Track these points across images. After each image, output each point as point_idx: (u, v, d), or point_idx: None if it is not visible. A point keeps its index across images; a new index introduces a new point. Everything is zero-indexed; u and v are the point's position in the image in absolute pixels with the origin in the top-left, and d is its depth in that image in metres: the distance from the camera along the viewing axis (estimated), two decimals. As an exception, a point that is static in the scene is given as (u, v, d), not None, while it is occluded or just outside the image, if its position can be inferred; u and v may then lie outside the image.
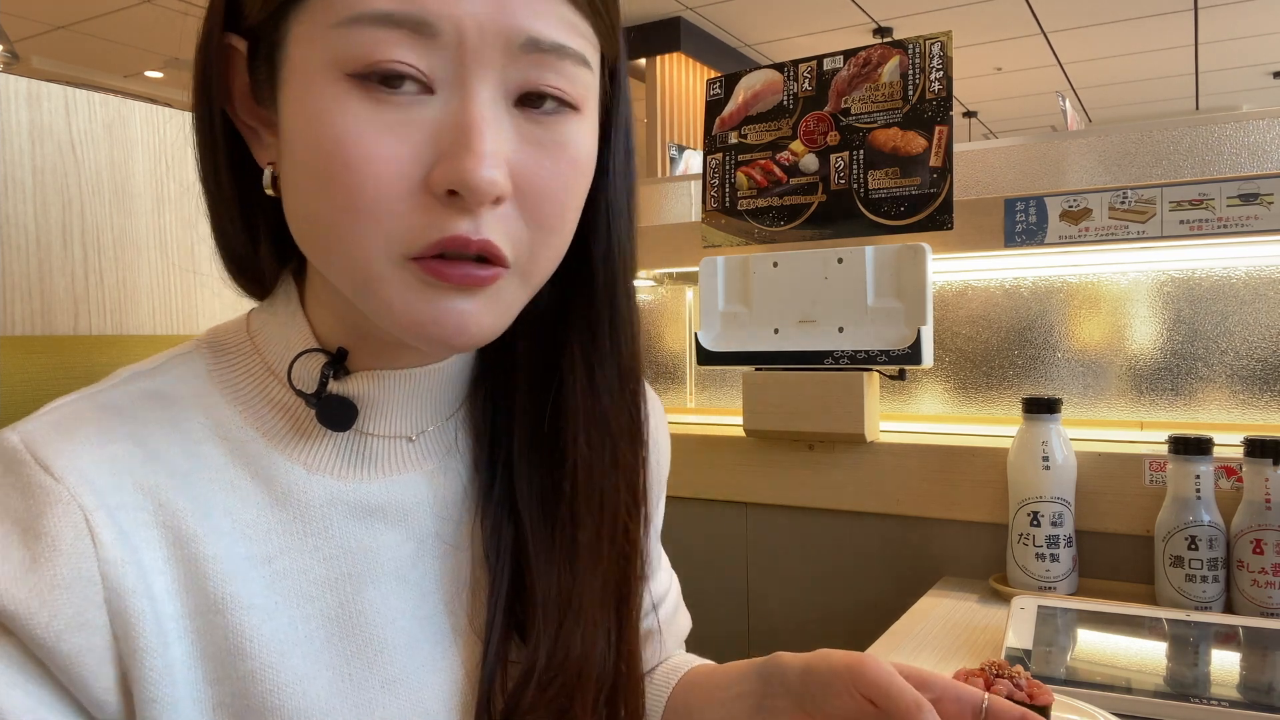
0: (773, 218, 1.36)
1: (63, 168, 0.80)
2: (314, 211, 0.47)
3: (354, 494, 0.54)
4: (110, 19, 5.68)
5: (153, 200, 0.88)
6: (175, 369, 0.53)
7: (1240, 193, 1.09)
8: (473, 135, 0.44)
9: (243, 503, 0.51)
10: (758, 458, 1.38)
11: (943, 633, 1.00)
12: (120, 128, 0.85)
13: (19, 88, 0.78)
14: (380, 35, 0.43)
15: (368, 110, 0.44)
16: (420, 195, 0.45)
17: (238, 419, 0.52)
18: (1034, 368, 1.37)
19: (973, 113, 7.93)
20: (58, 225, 0.80)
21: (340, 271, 0.48)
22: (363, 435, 0.55)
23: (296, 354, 0.53)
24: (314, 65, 0.45)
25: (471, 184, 0.44)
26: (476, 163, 0.44)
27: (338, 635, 0.52)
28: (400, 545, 0.55)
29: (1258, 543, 0.98)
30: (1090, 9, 5.63)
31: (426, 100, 0.44)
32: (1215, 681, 0.81)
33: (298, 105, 0.46)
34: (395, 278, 0.46)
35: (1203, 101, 7.51)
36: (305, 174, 0.46)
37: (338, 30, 0.43)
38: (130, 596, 0.45)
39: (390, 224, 0.45)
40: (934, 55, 1.23)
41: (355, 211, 0.45)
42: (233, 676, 0.48)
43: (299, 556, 0.51)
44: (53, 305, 0.79)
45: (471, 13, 0.43)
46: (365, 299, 0.48)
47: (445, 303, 0.47)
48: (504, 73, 0.45)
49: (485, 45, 0.44)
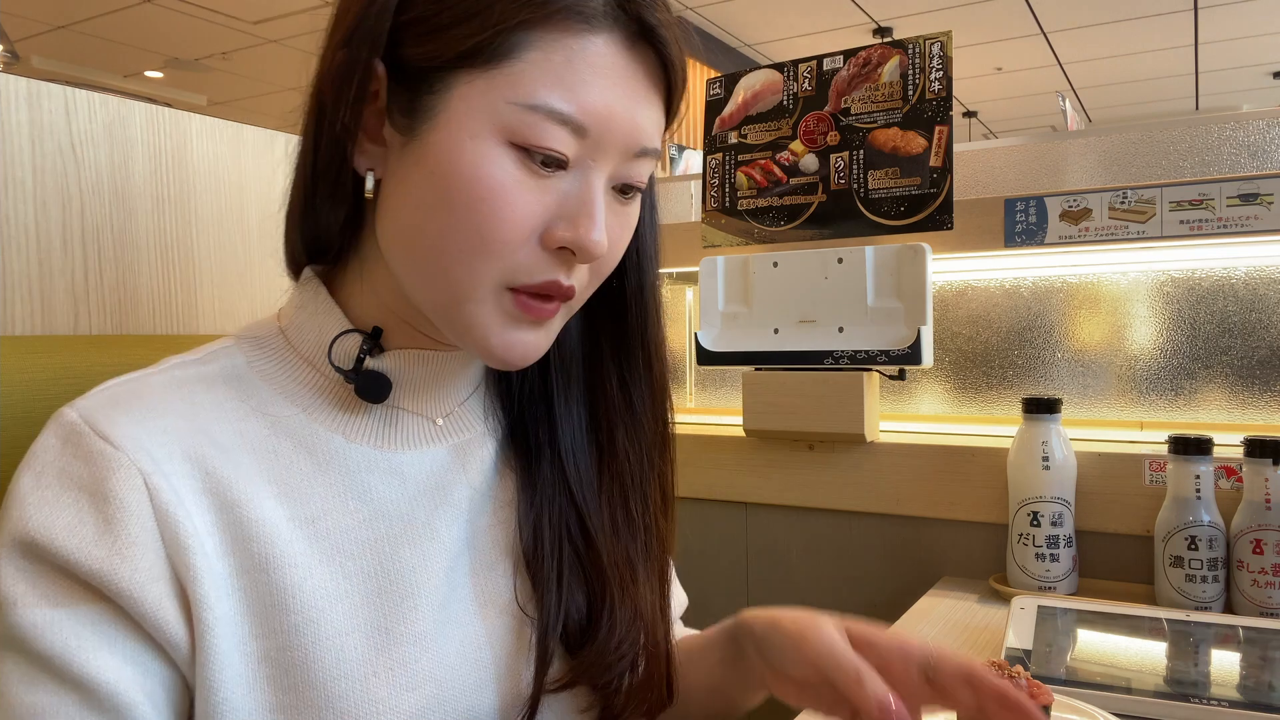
0: (773, 218, 1.36)
1: (63, 168, 0.80)
2: (438, 233, 0.55)
3: (390, 462, 0.61)
4: (110, 19, 5.68)
5: (153, 200, 0.88)
6: (218, 359, 0.60)
7: (1240, 193, 1.09)
8: (594, 209, 0.56)
9: (286, 469, 0.57)
10: (758, 458, 1.38)
11: (943, 633, 1.00)
12: (120, 128, 0.85)
13: (19, 88, 0.78)
14: (549, 126, 0.53)
15: (519, 172, 0.54)
16: (535, 244, 0.55)
17: (279, 399, 0.59)
18: (1034, 368, 1.37)
19: (973, 113, 7.92)
20: (58, 225, 0.80)
21: (437, 284, 0.57)
22: (395, 410, 0.62)
23: (336, 334, 0.61)
24: (481, 125, 0.54)
25: (588, 248, 0.56)
26: (595, 232, 0.55)
27: (374, 591, 0.57)
28: (434, 510, 0.61)
29: (1258, 543, 0.98)
30: (1090, 9, 5.63)
31: (560, 174, 0.55)
32: (1215, 681, 0.81)
33: (453, 146, 0.54)
34: (490, 301, 0.56)
35: (1203, 101, 7.51)
36: (440, 202, 0.54)
37: (513, 108, 0.53)
38: (188, 553, 0.51)
39: (507, 261, 0.55)
40: (934, 55, 1.23)
41: (486, 246, 0.54)
42: (277, 630, 0.53)
43: (340, 517, 0.57)
44: (53, 305, 0.79)
45: (612, 125, 0.55)
46: (453, 314, 0.57)
47: (521, 333, 0.58)
48: (618, 167, 0.57)
49: (615, 149, 0.56)
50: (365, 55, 0.55)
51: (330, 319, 0.62)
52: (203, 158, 0.93)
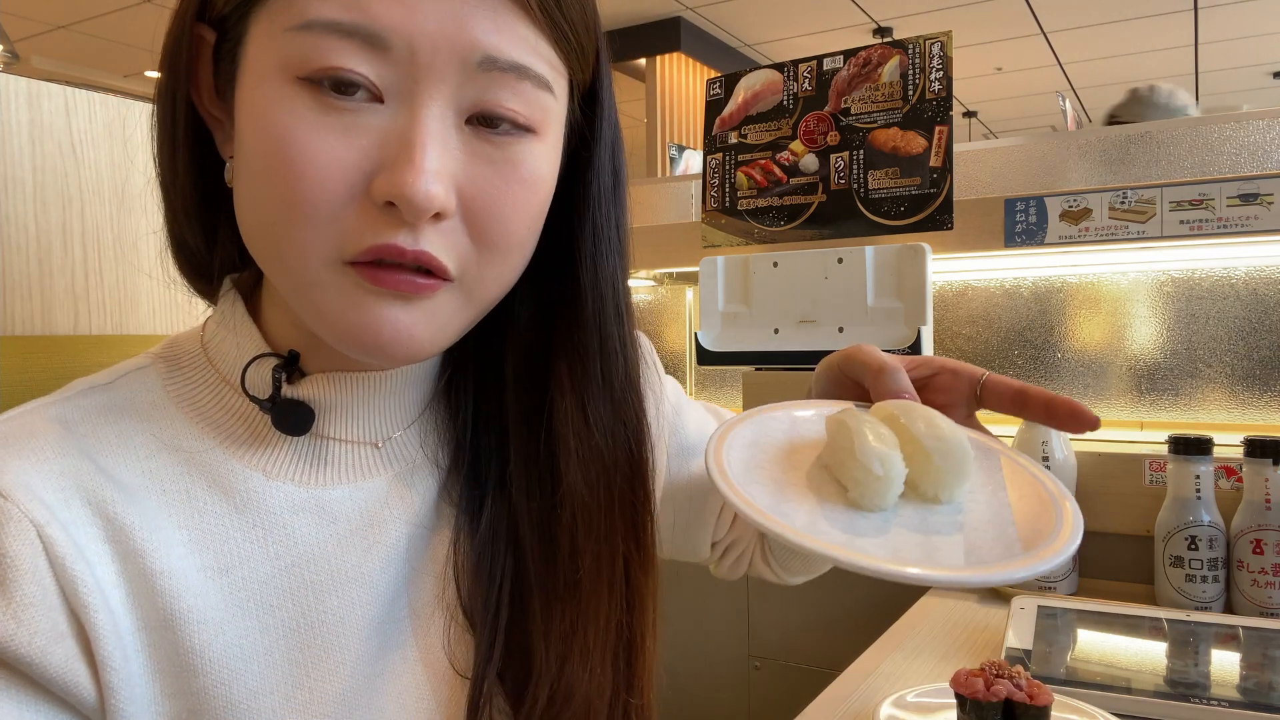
0: (773, 218, 1.36)
1: (63, 168, 0.80)
2: (258, 209, 0.46)
3: (316, 500, 0.52)
4: (110, 19, 5.68)
5: (153, 200, 0.88)
6: (129, 383, 0.52)
7: (1240, 193, 1.09)
8: (415, 149, 0.44)
9: (199, 514, 0.49)
10: (758, 458, 1.37)
11: (943, 633, 1.00)
12: (120, 128, 0.85)
13: (19, 88, 0.78)
14: (332, 43, 0.43)
15: (315, 113, 0.44)
16: (362, 201, 0.45)
17: (192, 430, 0.51)
18: (1034, 368, 1.37)
19: (973, 113, 7.92)
20: (58, 225, 0.80)
21: (280, 273, 0.48)
22: (323, 440, 0.53)
23: (250, 359, 0.52)
24: (267, 65, 0.44)
25: (408, 197, 0.43)
26: (416, 177, 0.43)
27: (296, 646, 0.50)
28: (366, 552, 0.53)
29: (1258, 543, 0.98)
30: (1090, 9, 5.63)
31: (376, 109, 0.44)
32: (1215, 681, 0.81)
33: (248, 103, 0.45)
34: (332, 282, 0.46)
35: (1203, 101, 7.51)
36: (251, 171, 0.46)
37: (291, 34, 0.43)
38: (90, 610, 0.44)
39: (329, 226, 0.45)
40: (934, 55, 1.23)
41: (295, 211, 0.44)
42: (186, 692, 0.47)
43: (259, 565, 0.50)
44: (53, 305, 0.79)
45: (425, 29, 0.43)
46: (302, 303, 0.48)
47: (381, 310, 0.46)
48: (458, 90, 0.45)
49: (439, 61, 0.44)
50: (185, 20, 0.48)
51: (246, 339, 0.53)
52: (203, 158, 0.93)
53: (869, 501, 0.50)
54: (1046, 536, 0.50)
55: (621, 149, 0.58)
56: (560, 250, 0.55)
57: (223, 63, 0.49)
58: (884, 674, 0.89)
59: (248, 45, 0.46)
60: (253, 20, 0.46)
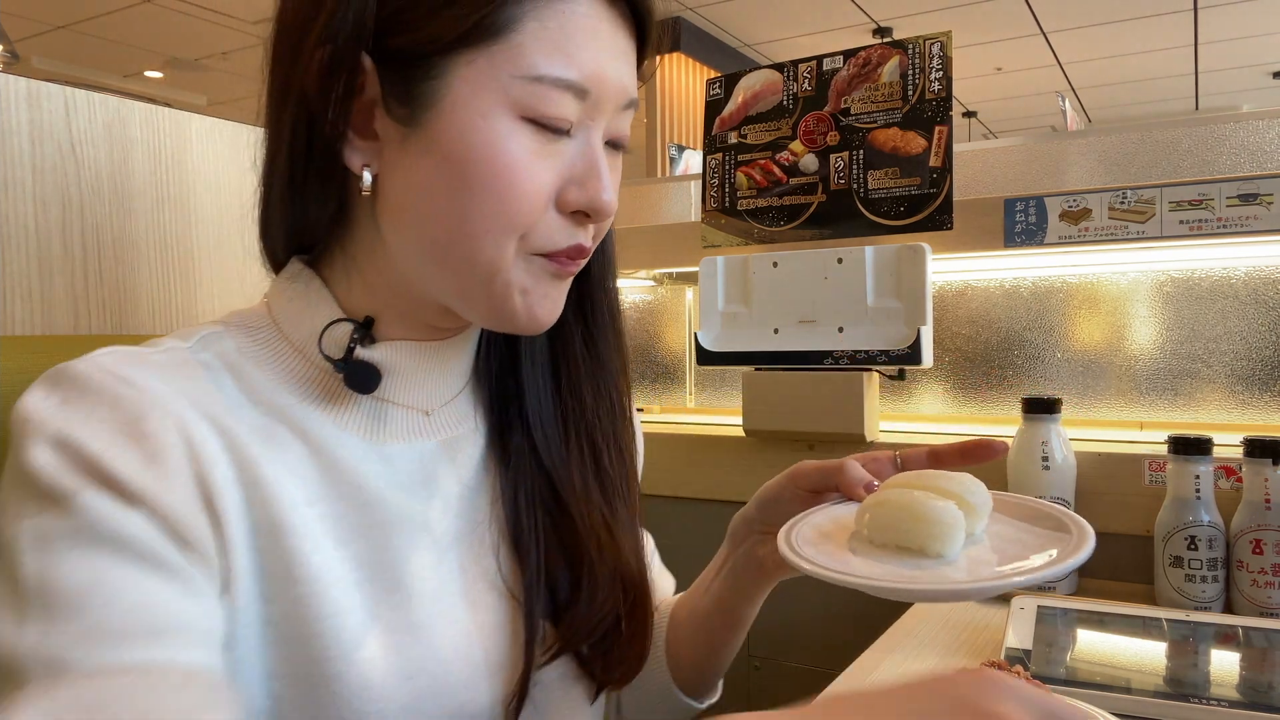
0: (773, 218, 1.36)
1: (63, 168, 0.80)
2: (453, 214, 0.56)
3: (379, 453, 0.60)
4: (110, 19, 5.68)
5: (153, 200, 0.88)
6: (211, 344, 0.59)
7: (1240, 193, 1.09)
8: (601, 168, 0.58)
9: (284, 452, 0.56)
10: (758, 458, 1.38)
11: (943, 633, 1.00)
12: (120, 128, 0.85)
13: (19, 88, 0.78)
14: (555, 95, 0.55)
15: (532, 144, 0.55)
16: (551, 211, 0.57)
17: (272, 387, 0.58)
18: (1034, 368, 1.37)
19: (973, 113, 7.93)
20: (58, 225, 0.80)
21: (463, 267, 0.57)
22: (382, 403, 0.62)
23: (328, 323, 0.60)
24: (488, 101, 0.54)
25: (599, 206, 0.58)
26: (604, 192, 0.58)
27: (368, 578, 0.57)
28: (426, 501, 0.62)
29: (1257, 543, 0.98)
30: (1090, 9, 5.63)
31: (566, 139, 0.57)
32: (1215, 681, 0.81)
33: (464, 128, 0.55)
34: (520, 270, 0.58)
35: (1203, 101, 7.51)
36: (456, 182, 0.55)
37: (519, 81, 0.54)
38: (219, 498, 0.51)
39: (527, 230, 0.56)
40: (934, 55, 1.23)
41: (509, 220, 0.55)
42: (284, 598, 0.53)
43: (335, 504, 0.57)
44: (53, 305, 0.79)
45: (607, 81, 0.57)
46: (481, 290, 0.58)
47: (554, 292, 0.60)
48: (610, 121, 0.59)
49: (608, 104, 0.58)
50: (352, 50, 0.55)
51: (323, 307, 0.61)
52: (202, 158, 0.93)
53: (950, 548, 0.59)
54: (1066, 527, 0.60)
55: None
56: None
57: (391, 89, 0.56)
58: (884, 674, 0.89)
59: (454, 82, 0.55)
60: (462, 61, 0.54)
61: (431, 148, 0.55)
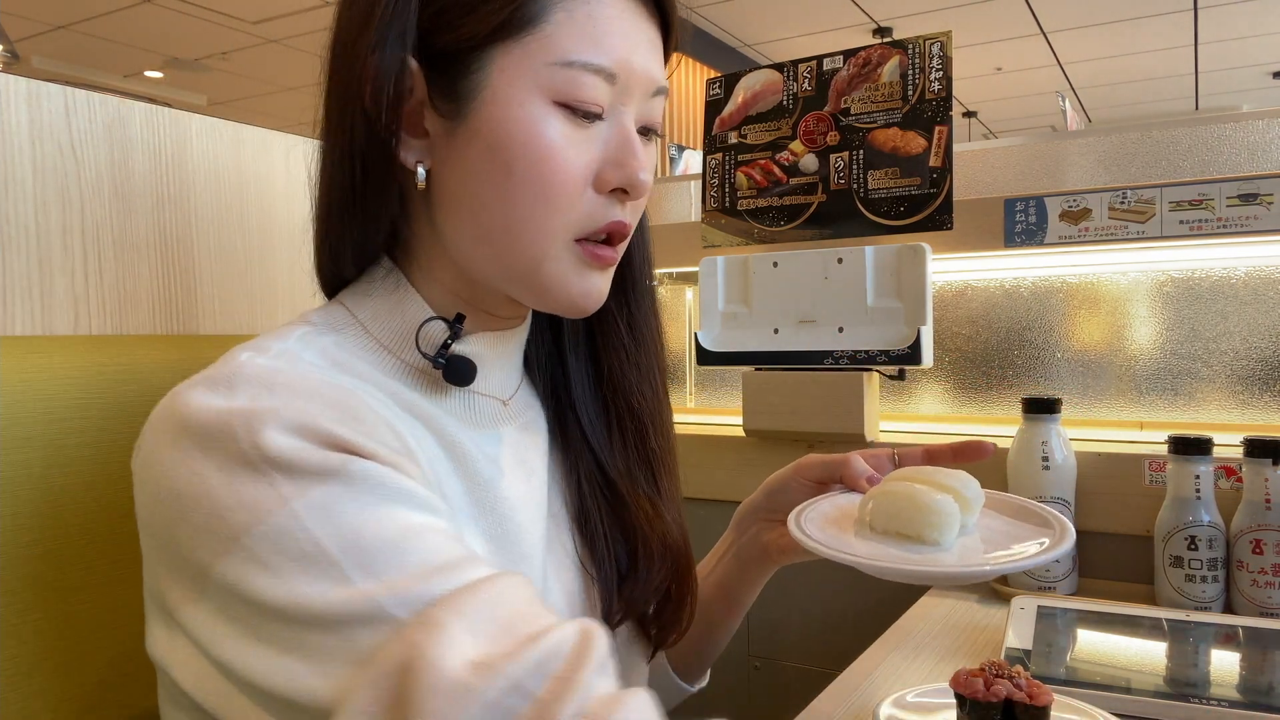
0: (773, 218, 1.36)
1: (63, 168, 0.80)
2: (499, 198, 0.59)
3: (476, 440, 0.65)
4: (110, 19, 5.68)
5: (153, 200, 0.88)
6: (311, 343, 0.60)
7: (1240, 193, 1.09)
8: (635, 149, 0.61)
9: (409, 429, 0.59)
10: (758, 458, 1.38)
11: (943, 633, 1.00)
12: (120, 128, 0.85)
13: (19, 88, 0.78)
14: (585, 79, 0.58)
15: (567, 127, 0.58)
16: (589, 192, 0.60)
17: (381, 378, 0.61)
18: (1034, 368, 1.37)
19: (973, 113, 7.92)
20: (58, 225, 0.80)
21: (512, 250, 0.60)
22: (471, 394, 0.66)
23: (423, 321, 0.63)
24: (524, 89, 0.57)
25: (636, 184, 0.61)
26: (640, 169, 0.61)
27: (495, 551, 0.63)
28: (527, 481, 0.68)
29: (1257, 543, 0.98)
30: (1090, 9, 5.63)
31: (599, 123, 0.60)
32: (1215, 681, 0.81)
33: (505, 116, 0.58)
34: (563, 257, 0.61)
35: (1203, 101, 7.51)
36: (500, 168, 0.58)
37: (552, 68, 0.57)
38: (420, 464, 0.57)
39: (570, 213, 0.59)
40: (934, 55, 1.23)
41: (550, 203, 0.58)
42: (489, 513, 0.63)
43: (454, 482, 0.62)
44: (53, 305, 0.79)
45: (635, 67, 0.60)
46: (530, 274, 0.61)
47: (594, 280, 0.63)
48: (640, 107, 0.62)
49: (638, 89, 0.61)
50: (400, 55, 0.58)
51: (414, 307, 0.64)
52: (203, 158, 0.92)
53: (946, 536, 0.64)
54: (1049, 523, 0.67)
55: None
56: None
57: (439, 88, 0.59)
58: (884, 674, 0.89)
59: (492, 74, 0.58)
60: (498, 54, 0.58)
61: (475, 138, 0.58)
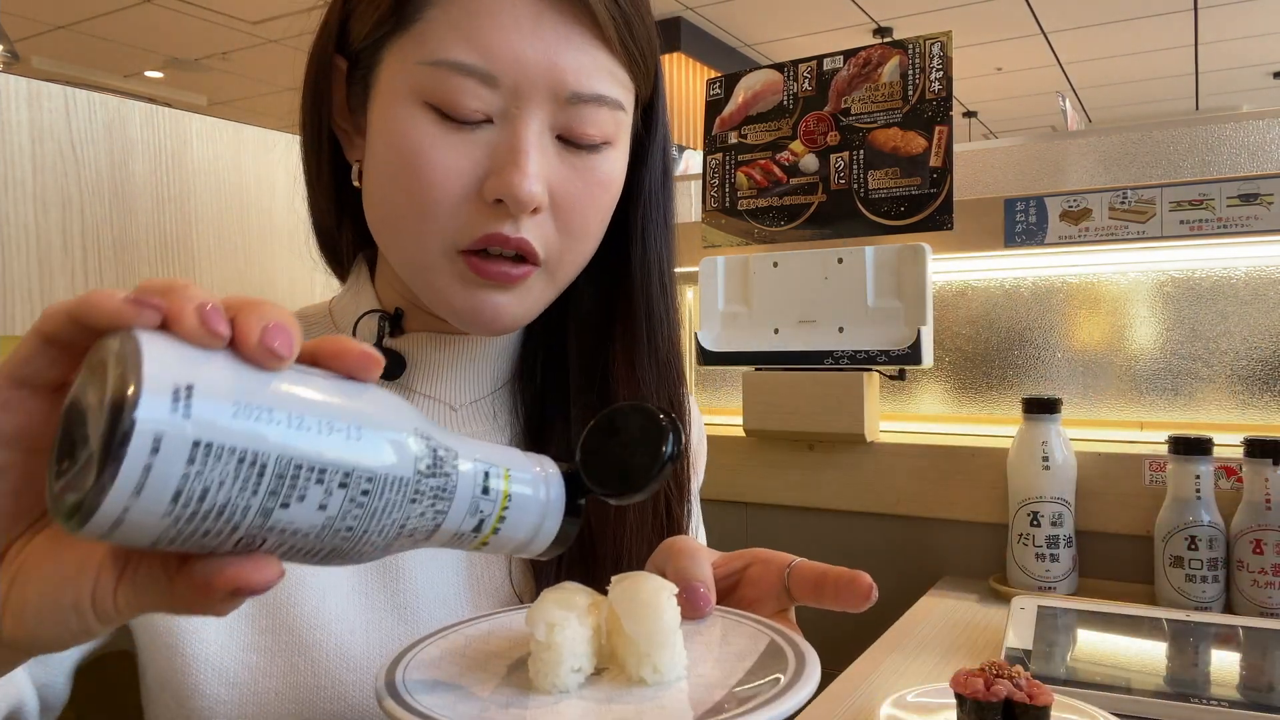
0: (773, 218, 1.36)
1: (63, 168, 0.80)
2: (386, 204, 0.57)
3: None
4: (110, 19, 5.68)
5: (153, 200, 0.88)
6: None
7: (1240, 193, 1.09)
8: (520, 157, 0.54)
9: None
10: (758, 458, 1.38)
11: (943, 633, 1.00)
12: (120, 128, 0.85)
13: (19, 88, 0.78)
14: (455, 80, 0.53)
15: (438, 130, 0.54)
16: (473, 200, 0.55)
17: None
18: (1034, 368, 1.37)
19: (973, 113, 7.92)
20: (58, 225, 0.80)
21: (401, 257, 0.58)
22: (409, 392, 0.63)
23: (362, 314, 0.64)
24: (399, 89, 0.55)
25: (516, 195, 0.54)
26: (521, 179, 0.54)
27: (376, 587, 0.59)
28: None
29: (1258, 543, 0.98)
30: (1090, 9, 5.62)
31: (486, 127, 0.55)
32: (1215, 681, 0.81)
33: (381, 119, 0.56)
34: (446, 268, 0.57)
35: (1203, 101, 7.50)
36: (382, 173, 0.56)
37: (422, 66, 0.54)
38: None
39: (446, 221, 0.55)
40: (934, 55, 1.23)
41: (420, 208, 0.55)
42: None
43: None
44: (53, 305, 0.79)
45: (526, 70, 0.54)
46: (419, 283, 0.58)
47: (483, 295, 0.57)
48: (552, 115, 0.56)
49: (537, 94, 0.55)
50: (326, 50, 0.59)
51: (363, 299, 0.65)
52: (202, 158, 0.92)
53: (542, 680, 0.43)
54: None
55: (670, 146, 0.68)
56: (617, 234, 0.65)
57: (355, 85, 0.59)
58: (884, 674, 0.89)
59: (380, 72, 0.56)
60: (387, 51, 0.56)
61: (372, 137, 0.58)
